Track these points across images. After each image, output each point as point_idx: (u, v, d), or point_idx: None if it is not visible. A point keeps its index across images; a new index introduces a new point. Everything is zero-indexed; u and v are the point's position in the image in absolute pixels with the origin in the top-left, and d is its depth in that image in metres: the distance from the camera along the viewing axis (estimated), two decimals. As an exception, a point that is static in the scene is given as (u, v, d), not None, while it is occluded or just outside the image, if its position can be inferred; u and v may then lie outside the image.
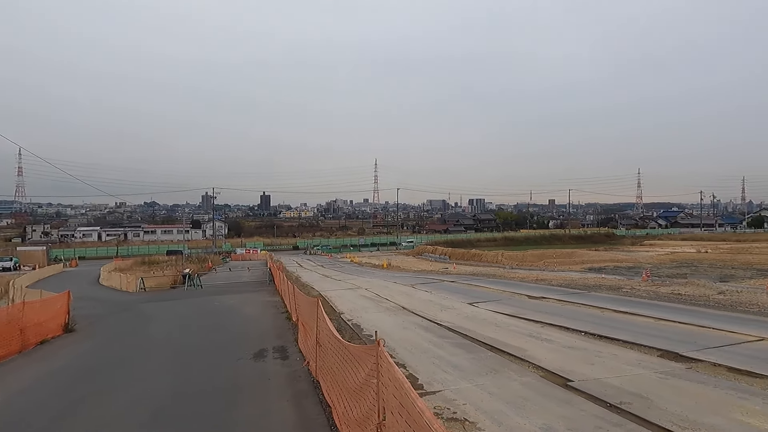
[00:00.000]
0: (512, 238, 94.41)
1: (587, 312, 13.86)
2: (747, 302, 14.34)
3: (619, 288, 18.91)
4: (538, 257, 53.89)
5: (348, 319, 14.18)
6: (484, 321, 12.94)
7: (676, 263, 43.13)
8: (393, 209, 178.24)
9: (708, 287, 17.72)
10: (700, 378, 7.36)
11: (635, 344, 9.62)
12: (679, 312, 13.22)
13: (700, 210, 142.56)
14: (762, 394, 6.56)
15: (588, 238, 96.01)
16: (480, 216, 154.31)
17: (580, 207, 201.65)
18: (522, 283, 22.98)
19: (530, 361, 8.64)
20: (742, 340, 9.58)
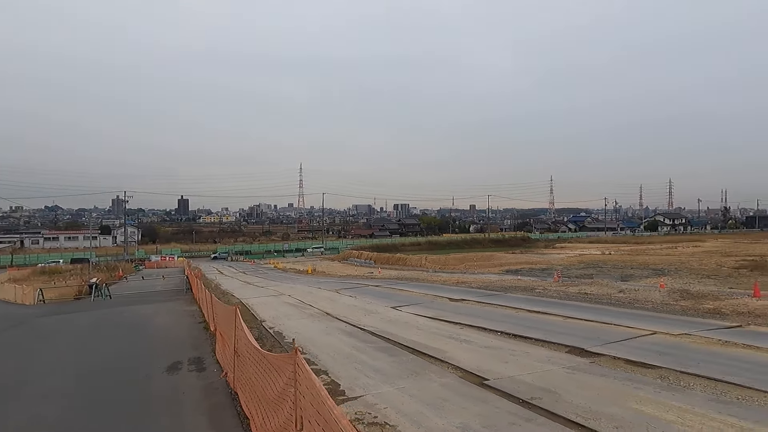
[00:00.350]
0: (435, 242, 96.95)
1: (503, 312, 14.51)
2: (643, 299, 15.70)
3: (533, 289, 19.98)
4: (460, 260, 55.74)
5: (270, 326, 13.84)
6: (406, 324, 13.15)
7: (583, 264, 46.31)
8: (318, 214, 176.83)
9: (610, 286, 19.20)
10: (602, 371, 7.94)
11: (546, 342, 10.20)
12: (585, 310, 14.20)
13: (604, 215, 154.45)
14: (653, 383, 7.19)
15: (506, 241, 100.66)
16: (405, 221, 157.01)
17: (499, 212, 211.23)
18: (444, 286, 23.62)
19: (450, 362, 8.88)
20: (638, 335, 10.46)
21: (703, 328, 10.89)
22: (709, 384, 7.01)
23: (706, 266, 40.74)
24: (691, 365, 7.92)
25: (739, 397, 6.47)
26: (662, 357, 8.51)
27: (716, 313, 12.93)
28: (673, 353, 8.80)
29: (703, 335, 10.20)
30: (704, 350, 9.03)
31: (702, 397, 6.53)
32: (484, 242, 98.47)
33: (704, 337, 10.02)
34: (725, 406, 6.16)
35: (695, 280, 31.68)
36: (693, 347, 9.30)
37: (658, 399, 6.47)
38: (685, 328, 10.89)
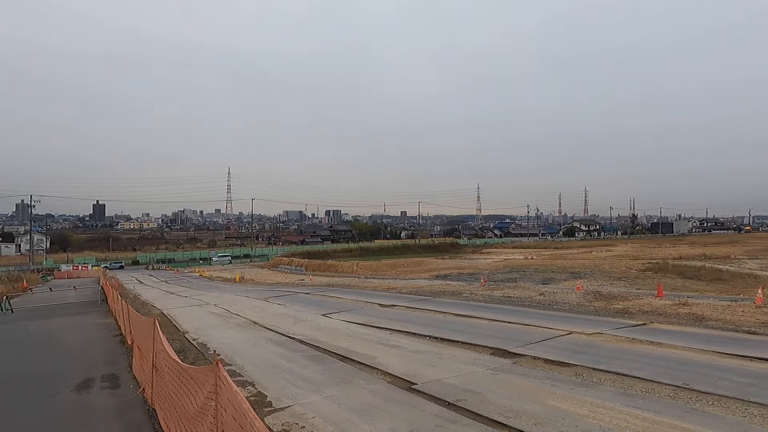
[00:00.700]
0: (367, 249, 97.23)
1: (432, 317, 14.81)
2: (561, 301, 16.63)
3: (461, 293, 20.57)
4: (391, 266, 56.27)
5: (193, 338, 13.23)
6: (336, 331, 13.06)
7: (508, 269, 48.30)
8: (247, 220, 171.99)
9: (531, 289, 20.17)
10: (523, 371, 8.30)
11: (472, 344, 10.52)
12: (508, 313, 14.81)
13: (527, 221, 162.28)
14: (569, 380, 7.62)
15: (436, 247, 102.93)
16: (337, 227, 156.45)
17: (429, 218, 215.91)
18: (375, 292, 23.74)
19: (379, 368, 8.92)
20: (556, 335, 11.05)
21: (613, 327, 11.70)
22: (618, 379, 7.54)
23: (616, 269, 43.84)
24: (602, 362, 8.47)
25: (643, 390, 7.01)
26: (577, 355, 9.04)
27: (625, 312, 13.94)
28: (587, 351, 9.38)
29: (613, 334, 10.96)
30: (614, 348, 9.71)
31: (611, 391, 7.00)
32: (414, 248, 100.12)
33: (614, 336, 10.77)
34: (631, 399, 6.64)
35: (607, 282, 34.00)
36: (604, 345, 9.96)
37: (573, 395, 6.86)
38: (598, 328, 11.65)
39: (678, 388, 6.96)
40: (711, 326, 11.58)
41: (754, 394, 6.57)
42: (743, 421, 5.69)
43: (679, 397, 6.64)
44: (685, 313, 13.24)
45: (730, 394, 6.57)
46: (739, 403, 6.30)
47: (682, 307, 14.35)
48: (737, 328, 11.18)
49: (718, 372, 7.66)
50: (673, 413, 6.01)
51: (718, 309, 13.79)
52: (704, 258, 53.35)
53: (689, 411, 6.09)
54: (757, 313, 12.88)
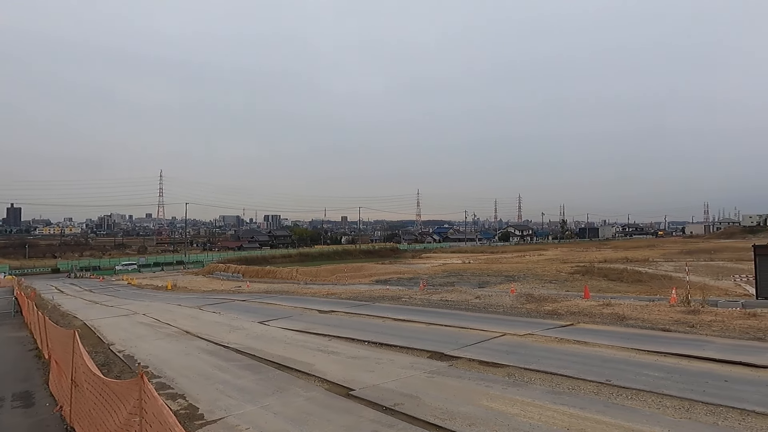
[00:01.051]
0: (307, 254, 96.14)
1: (371, 322, 14.84)
2: (495, 304, 17.17)
3: (400, 298, 20.76)
4: (331, 272, 55.96)
5: (119, 350, 12.49)
6: (273, 339, 12.79)
7: (446, 273, 49.34)
8: (181, 225, 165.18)
9: (468, 293, 20.71)
10: (459, 373, 8.49)
11: (410, 348, 10.64)
12: (446, 316, 15.10)
13: (465, 227, 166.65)
14: (502, 381, 7.87)
15: (376, 252, 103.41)
16: (276, 232, 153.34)
17: (370, 224, 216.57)
18: (314, 298, 23.48)
19: (317, 375, 8.81)
20: (490, 337, 11.40)
21: (544, 328, 12.23)
22: (547, 378, 7.88)
23: (548, 272, 45.91)
24: (533, 362, 8.82)
25: (570, 387, 7.36)
26: (509, 356, 9.37)
27: (554, 313, 14.61)
28: (519, 352, 9.74)
29: (544, 334, 11.45)
30: (544, 348, 10.14)
31: (541, 390, 7.30)
32: (355, 253, 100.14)
33: (544, 336, 11.25)
34: (559, 396, 6.95)
35: (539, 284, 35.55)
36: (535, 345, 10.39)
37: (506, 395, 7.09)
38: (530, 329, 12.13)
39: (601, 384, 7.37)
40: (631, 325, 12.37)
41: (667, 387, 7.08)
42: (657, 413, 6.11)
43: (602, 392, 7.03)
44: (608, 313, 14.06)
45: (647, 388, 7.04)
46: (654, 396, 6.75)
47: (606, 307, 15.23)
48: (653, 326, 12.02)
49: (636, 368, 8.19)
50: (597, 408, 6.36)
51: (638, 309, 14.75)
52: (626, 261, 57.01)
53: (611, 405, 6.47)
54: (671, 312, 13.90)
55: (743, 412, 6.02)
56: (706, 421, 5.82)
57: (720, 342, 10.00)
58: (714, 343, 9.92)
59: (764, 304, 15.85)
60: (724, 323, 11.82)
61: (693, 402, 6.43)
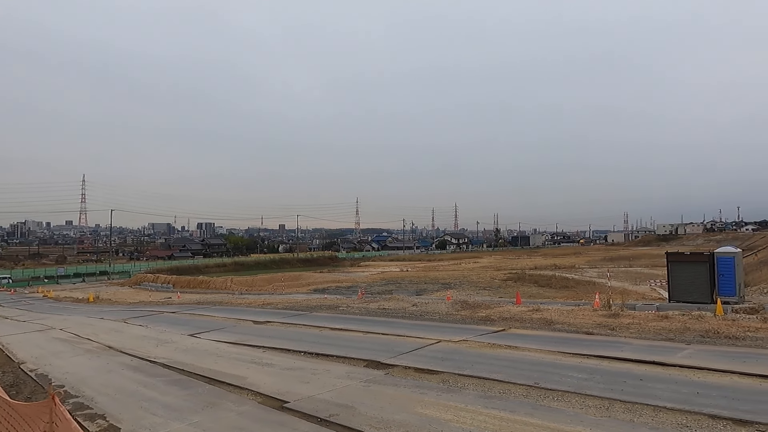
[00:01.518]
0: (243, 263, 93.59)
1: (308, 332, 14.63)
2: (432, 311, 17.46)
3: (337, 307, 20.63)
4: (268, 281, 54.77)
5: (31, 369, 11.52)
6: (205, 352, 12.28)
7: (385, 281, 49.64)
8: (106, 233, 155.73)
9: (405, 301, 20.93)
10: (395, 381, 8.53)
11: (347, 358, 10.58)
12: (383, 324, 15.17)
13: (403, 235, 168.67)
14: (436, 387, 8.00)
15: (314, 261, 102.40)
16: (210, 241, 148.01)
17: (308, 232, 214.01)
18: (249, 308, 22.84)
19: (250, 388, 8.55)
20: (426, 344, 11.56)
21: (477, 334, 12.56)
22: (479, 383, 8.09)
23: (482, 279, 47.34)
24: (466, 368, 9.03)
25: (501, 391, 7.60)
26: (444, 362, 9.54)
27: (488, 319, 15.05)
28: (453, 358, 9.94)
29: (477, 340, 11.77)
30: (477, 353, 10.41)
31: (473, 395, 7.49)
32: (293, 262, 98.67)
33: (478, 342, 11.56)
34: (490, 400, 7.15)
35: (474, 291, 36.56)
36: (469, 351, 10.64)
37: (440, 401, 7.20)
38: (464, 335, 12.42)
39: (530, 387, 7.66)
40: (558, 329, 12.98)
41: (589, 387, 7.47)
42: (581, 413, 6.43)
43: (531, 395, 7.31)
44: (537, 318, 14.67)
45: (571, 390, 7.40)
46: (578, 396, 7.11)
47: (536, 312, 15.89)
48: (578, 329, 12.67)
49: (562, 370, 8.59)
50: (525, 411, 6.59)
51: (564, 313, 15.51)
52: (554, 268, 59.93)
53: (538, 407, 6.73)
54: (594, 316, 14.72)
55: (656, 408, 6.45)
56: (624, 418, 6.20)
57: (636, 343, 10.70)
58: (631, 344, 10.60)
59: (676, 306, 17.16)
60: (641, 325, 12.67)
61: (612, 401, 6.83)
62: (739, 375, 7.88)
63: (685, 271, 18.46)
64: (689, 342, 10.62)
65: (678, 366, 8.54)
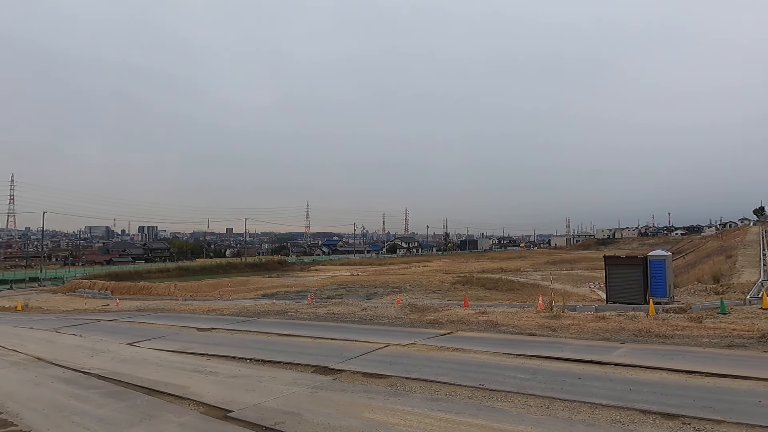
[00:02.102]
0: (188, 268, 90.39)
1: (254, 338, 14.31)
2: (381, 315, 17.51)
3: (286, 312, 20.30)
4: (214, 286, 53.24)
5: (-52, 384, 10.61)
6: (144, 362, 11.75)
7: (335, 285, 49.38)
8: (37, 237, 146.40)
9: (355, 305, 20.87)
10: (342, 386, 8.48)
11: (294, 364, 10.41)
12: (332, 329, 15.06)
13: (354, 239, 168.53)
14: (384, 391, 8.01)
15: (263, 265, 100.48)
16: (152, 245, 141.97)
17: (257, 236, 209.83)
18: (193, 315, 22.08)
19: (192, 398, 8.25)
20: (375, 348, 11.57)
21: (425, 337, 12.70)
22: (426, 385, 8.17)
23: (432, 283, 47.98)
24: (414, 371, 9.11)
25: (447, 393, 7.71)
26: (392, 366, 9.58)
27: (436, 323, 15.26)
28: (401, 362, 10.00)
29: (425, 343, 11.89)
30: (425, 356, 10.52)
31: (420, 398, 7.55)
32: (240, 267, 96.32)
33: (425, 345, 11.69)
34: (437, 403, 7.24)
35: (424, 295, 37.00)
36: (417, 355, 10.74)
37: (387, 405, 7.22)
38: (412, 339, 12.52)
39: (475, 389, 7.82)
40: (503, 331, 13.34)
41: (531, 387, 7.72)
42: (523, 413, 6.62)
43: (476, 396, 7.46)
44: (484, 321, 15.02)
45: (514, 390, 7.61)
46: (520, 396, 7.32)
47: (482, 315, 16.26)
48: (522, 331, 13.07)
49: (505, 371, 8.83)
50: (470, 412, 6.72)
51: (509, 315, 15.96)
52: (501, 271, 61.63)
53: (483, 408, 6.88)
54: (537, 318, 15.23)
55: (593, 405, 6.75)
56: (563, 416, 6.43)
57: (576, 343, 11.16)
58: (571, 344, 11.05)
59: (613, 307, 18.04)
60: (580, 326, 13.22)
61: (552, 399, 7.08)
62: (668, 371, 8.38)
63: (621, 273, 19.45)
64: (624, 341, 11.18)
65: (613, 364, 8.98)
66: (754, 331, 11.48)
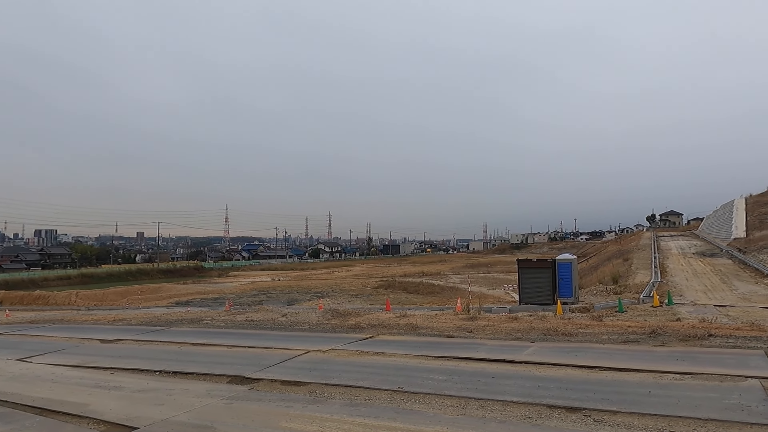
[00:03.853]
0: (92, 275, 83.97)
1: (166, 349, 13.50)
2: (302, 321, 17.22)
3: (201, 320, 19.38)
4: (122, 294, 49.88)
5: None
6: (37, 379, 10.67)
7: (255, 291, 48.01)
8: None
9: (275, 311, 20.38)
10: (259, 396, 8.21)
11: (208, 375, 9.94)
12: (250, 337, 14.58)
13: (275, 243, 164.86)
14: (303, 399, 7.85)
15: (178, 271, 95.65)
16: (50, 250, 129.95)
17: (171, 240, 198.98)
18: (96, 325, 20.45)
19: (91, 416, 7.60)
20: (294, 355, 11.33)
21: (346, 342, 12.65)
22: (346, 391, 8.12)
23: (354, 287, 48.07)
24: (333, 377, 9.02)
25: (367, 398, 7.71)
26: (312, 373, 9.43)
27: (357, 327, 15.25)
28: (321, 368, 9.87)
29: (345, 348, 11.84)
30: (345, 361, 10.47)
31: (340, 403, 7.49)
32: (152, 273, 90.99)
33: (346, 350, 11.64)
34: (356, 408, 7.21)
35: (346, 299, 36.98)
36: (337, 360, 10.66)
37: (305, 413, 7.08)
38: (333, 344, 12.42)
39: (394, 392, 7.88)
40: (422, 333, 13.60)
41: (448, 388, 7.92)
42: (439, 413, 6.77)
43: (395, 400, 7.52)
44: (404, 324, 15.23)
45: (432, 391, 7.77)
46: (438, 397, 7.48)
47: (403, 318, 16.50)
48: (441, 333, 13.41)
49: (424, 373, 9.00)
50: (389, 415, 6.76)
51: (429, 318, 16.33)
52: (422, 275, 63.04)
53: (401, 411, 6.95)
54: (455, 320, 15.71)
55: (505, 402, 7.04)
56: (477, 414, 6.65)
57: (491, 344, 11.63)
58: (486, 345, 11.49)
59: (525, 308, 19.04)
60: (495, 327, 13.80)
61: (468, 399, 7.30)
62: (572, 367, 8.96)
63: (533, 276, 20.59)
64: (534, 340, 11.82)
65: (524, 363, 9.45)
66: (645, 327, 12.59)
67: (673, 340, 11.04)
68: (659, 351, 10.10)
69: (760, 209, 53.63)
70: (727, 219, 57.16)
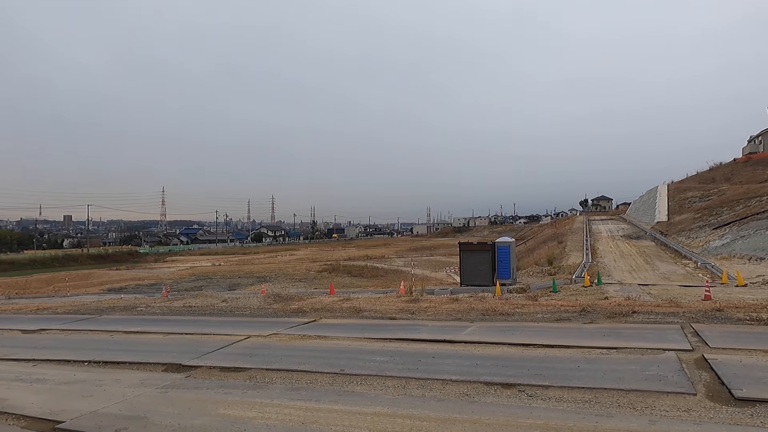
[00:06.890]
0: (12, 261, 78.12)
1: (95, 338, 12.82)
2: (243, 306, 16.86)
3: (135, 307, 18.55)
4: (47, 282, 46.90)
5: None
6: (-53, 374, 9.84)
7: (194, 277, 46.56)
8: None
9: (215, 297, 19.85)
10: (196, 384, 7.97)
11: (142, 363, 9.53)
12: (187, 324, 14.11)
13: (216, 227, 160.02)
14: (242, 385, 7.69)
15: (110, 257, 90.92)
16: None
17: (103, 224, 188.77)
18: (18, 315, 19.11)
19: (11, 411, 7.09)
20: (234, 341, 11.07)
21: (288, 326, 12.51)
22: (287, 375, 8.04)
23: (298, 271, 47.63)
24: (275, 362, 8.90)
25: (308, 381, 7.66)
26: (252, 358, 9.25)
27: (300, 311, 15.11)
28: (262, 353, 9.71)
29: (287, 333, 11.71)
30: (287, 346, 10.35)
31: (280, 388, 7.40)
32: (82, 259, 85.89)
33: (288, 335, 11.51)
34: (297, 392, 7.15)
35: (290, 284, 36.56)
36: (278, 345, 10.52)
37: (245, 399, 6.94)
38: (275, 329, 12.24)
39: (336, 375, 7.88)
40: (365, 316, 13.68)
41: (389, 369, 8.01)
42: (381, 394, 6.84)
43: (336, 382, 7.53)
44: (347, 307, 15.25)
45: (373, 373, 7.83)
46: (379, 378, 7.55)
47: (346, 301, 16.52)
48: (383, 315, 13.54)
49: (366, 355, 9.05)
50: (330, 398, 6.75)
51: (372, 301, 16.44)
52: (367, 258, 63.36)
53: (342, 394, 6.96)
54: (398, 302, 15.90)
55: (444, 381, 7.21)
56: (417, 394, 6.78)
57: (432, 325, 11.87)
58: (427, 326, 11.72)
59: (466, 290, 19.58)
60: (436, 308, 14.10)
61: (408, 379, 7.42)
62: (508, 345, 9.30)
63: (473, 258, 21.18)
64: (473, 320, 12.17)
65: (463, 342, 9.71)
66: (576, 306, 13.28)
67: (601, 317, 11.71)
68: (588, 328, 10.68)
69: (680, 195, 57.78)
70: (651, 204, 61.18)
